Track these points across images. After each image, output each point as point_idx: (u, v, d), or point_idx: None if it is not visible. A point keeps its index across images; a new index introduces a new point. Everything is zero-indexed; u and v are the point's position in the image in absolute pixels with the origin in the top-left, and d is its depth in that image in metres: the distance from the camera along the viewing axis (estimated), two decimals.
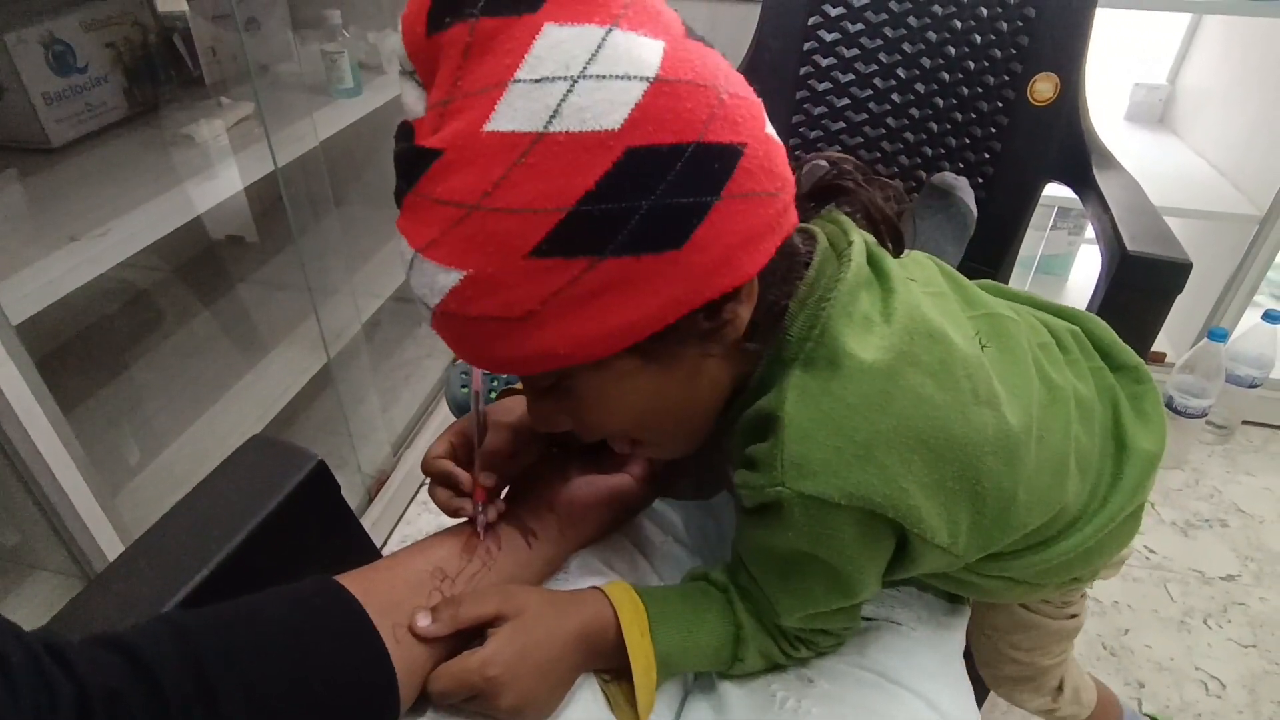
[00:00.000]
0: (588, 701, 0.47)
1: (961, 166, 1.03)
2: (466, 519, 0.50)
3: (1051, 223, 1.77)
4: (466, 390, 0.86)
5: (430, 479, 0.51)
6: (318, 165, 1.18)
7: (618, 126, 0.34)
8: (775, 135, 0.40)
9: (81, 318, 1.12)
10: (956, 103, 1.01)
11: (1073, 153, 1.00)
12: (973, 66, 0.99)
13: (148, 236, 0.86)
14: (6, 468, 0.74)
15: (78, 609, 0.45)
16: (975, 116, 1.01)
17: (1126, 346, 0.58)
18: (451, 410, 0.89)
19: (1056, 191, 1.05)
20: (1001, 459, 0.44)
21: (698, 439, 0.48)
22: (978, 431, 0.43)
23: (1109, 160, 0.99)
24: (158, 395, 1.15)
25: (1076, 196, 1.00)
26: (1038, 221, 1.58)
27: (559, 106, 0.33)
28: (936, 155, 1.04)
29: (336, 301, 1.31)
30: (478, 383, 0.48)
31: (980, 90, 1.00)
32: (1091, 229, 1.06)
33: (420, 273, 0.37)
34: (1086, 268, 1.85)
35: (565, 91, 0.33)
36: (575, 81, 0.33)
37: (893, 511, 0.41)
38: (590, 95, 0.33)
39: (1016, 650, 0.70)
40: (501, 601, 0.45)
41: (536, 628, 0.45)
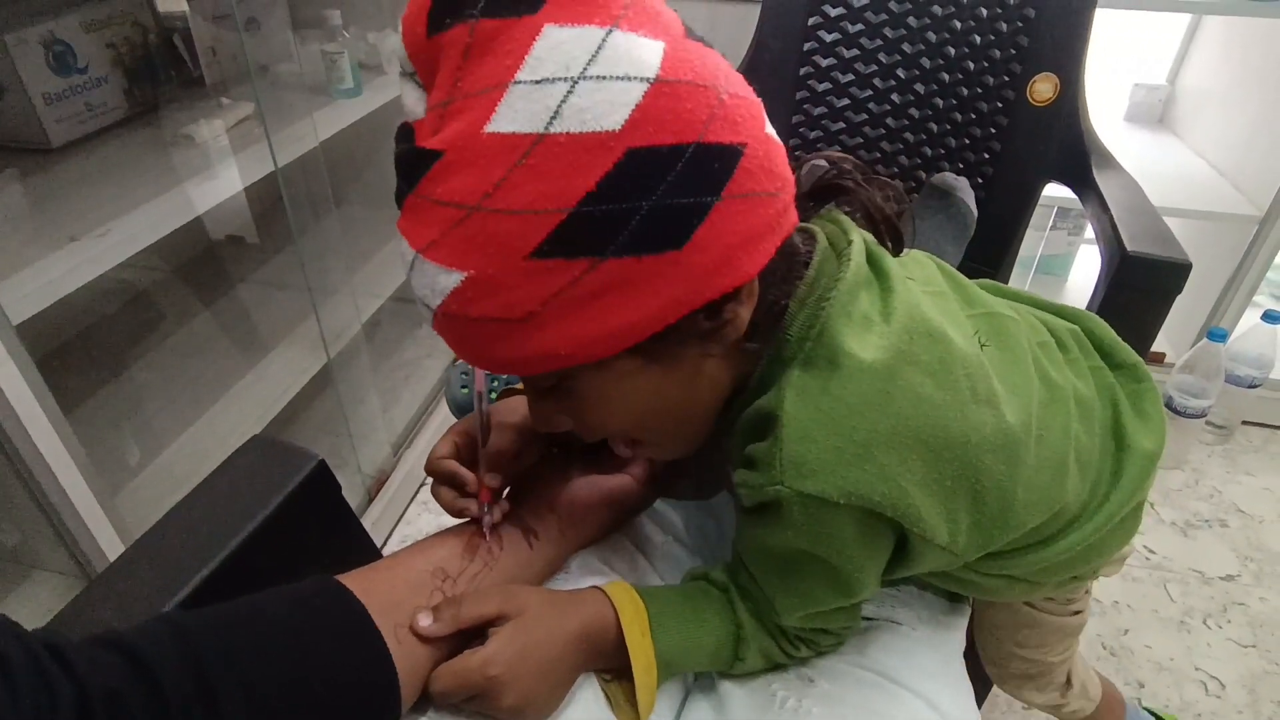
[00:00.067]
0: (588, 701, 0.47)
1: (961, 167, 1.03)
2: (469, 519, 0.51)
3: (1051, 223, 1.77)
4: (466, 390, 0.86)
5: (434, 479, 0.51)
6: (318, 165, 1.18)
7: (618, 127, 0.34)
8: (775, 135, 0.40)
9: (81, 318, 1.12)
10: (956, 103, 1.01)
11: (1072, 153, 1.00)
12: (972, 67, 0.99)
13: (148, 237, 0.86)
14: (6, 468, 0.74)
15: (78, 609, 0.45)
16: (975, 117, 1.01)
17: (1126, 345, 0.58)
18: (451, 410, 0.89)
19: (1056, 191, 1.05)
20: (1001, 458, 0.44)
21: (698, 439, 0.48)
22: (977, 430, 0.43)
23: (1109, 160, 0.99)
24: (158, 395, 1.15)
25: (1076, 197, 1.00)
26: (1037, 221, 1.58)
27: (559, 107, 0.33)
28: (936, 155, 1.04)
29: (336, 301, 1.31)
30: (481, 384, 0.48)
31: (980, 90, 1.00)
32: (1091, 229, 1.06)
33: (421, 274, 0.37)
34: (1086, 268, 1.85)
35: (565, 92, 0.33)
36: (575, 82, 0.33)
37: (892, 511, 0.41)
38: (590, 96, 0.33)
39: (1023, 648, 0.70)
40: (502, 601, 0.45)
41: (537, 627, 0.45)
